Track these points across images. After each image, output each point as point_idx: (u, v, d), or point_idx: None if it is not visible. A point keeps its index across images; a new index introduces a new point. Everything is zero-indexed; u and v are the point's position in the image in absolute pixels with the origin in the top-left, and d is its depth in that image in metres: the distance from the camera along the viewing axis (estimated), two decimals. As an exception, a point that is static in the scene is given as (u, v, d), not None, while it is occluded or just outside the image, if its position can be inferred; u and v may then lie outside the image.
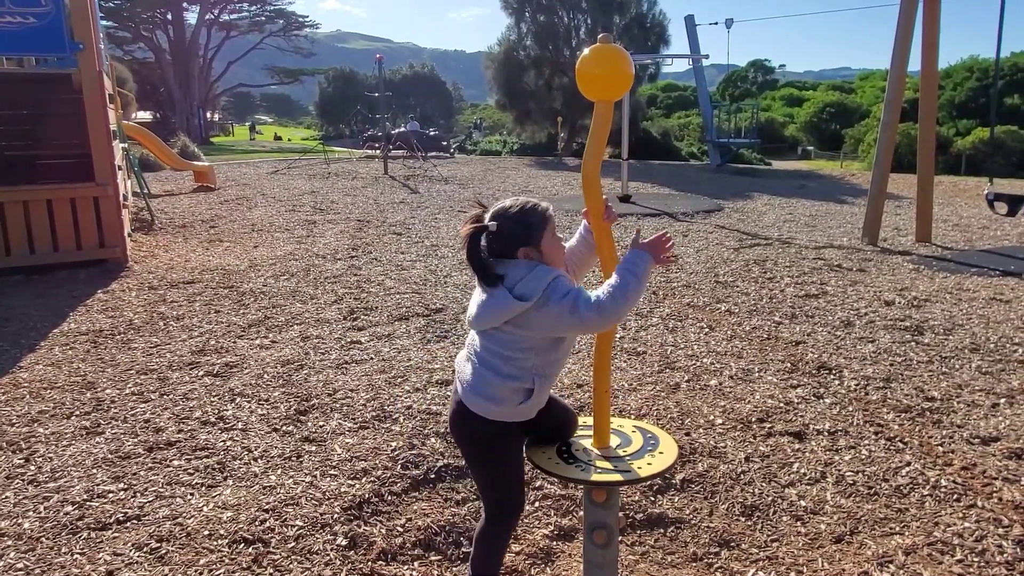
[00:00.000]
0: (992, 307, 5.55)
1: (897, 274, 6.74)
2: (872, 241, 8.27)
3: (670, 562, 2.58)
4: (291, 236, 8.81)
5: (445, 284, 6.35)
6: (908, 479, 2.99)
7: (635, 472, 2.20)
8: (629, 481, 2.23)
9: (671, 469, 2.45)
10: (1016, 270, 6.81)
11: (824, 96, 47.88)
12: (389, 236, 8.83)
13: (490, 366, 1.98)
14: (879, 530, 2.67)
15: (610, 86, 2.13)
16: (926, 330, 4.96)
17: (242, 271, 6.86)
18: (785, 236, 8.88)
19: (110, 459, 3.11)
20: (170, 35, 45.07)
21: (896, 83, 8.14)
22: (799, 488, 2.96)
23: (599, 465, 2.23)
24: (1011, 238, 8.84)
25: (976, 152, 26.40)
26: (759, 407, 3.70)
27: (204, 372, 4.19)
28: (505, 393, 1.96)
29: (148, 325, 5.16)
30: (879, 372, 4.18)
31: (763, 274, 6.70)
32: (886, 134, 8.26)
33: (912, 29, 7.92)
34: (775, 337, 4.86)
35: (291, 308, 5.56)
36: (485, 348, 2.01)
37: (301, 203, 11.76)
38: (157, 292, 6.08)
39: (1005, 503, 2.81)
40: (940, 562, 2.47)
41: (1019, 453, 3.20)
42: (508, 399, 1.97)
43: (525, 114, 26.40)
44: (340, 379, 4.06)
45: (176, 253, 7.85)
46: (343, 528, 2.64)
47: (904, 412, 3.64)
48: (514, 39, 25.24)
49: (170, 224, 9.60)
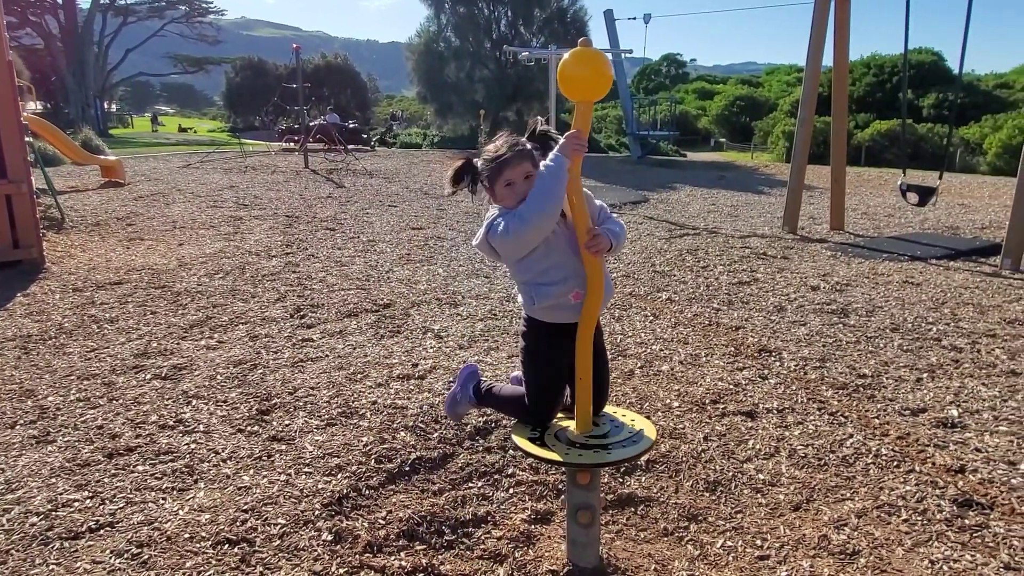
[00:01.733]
0: (905, 290, 6.00)
1: (818, 261, 7.18)
2: (792, 230, 8.76)
3: (643, 538, 2.71)
4: (218, 233, 8.53)
5: (388, 279, 6.33)
6: (852, 449, 3.24)
7: (618, 453, 2.32)
8: (614, 462, 2.35)
9: (652, 449, 2.59)
10: (922, 255, 7.38)
11: (734, 90, 49.81)
12: (322, 232, 8.68)
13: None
14: (832, 497, 2.89)
15: (591, 87, 2.23)
16: (850, 312, 5.33)
17: (172, 270, 6.61)
18: (711, 226, 9.28)
19: (68, 467, 2.99)
20: (61, 20, 42.23)
21: (811, 80, 8.62)
22: (756, 463, 3.16)
23: (583, 448, 2.34)
24: (914, 225, 9.54)
25: (875, 144, 28.10)
26: (711, 389, 3.90)
27: (151, 375, 4.05)
28: (523, 297, 2.35)
29: (80, 328, 4.92)
30: (814, 353, 4.47)
31: (697, 263, 7.00)
32: (803, 129, 8.74)
33: (825, 30, 8.40)
34: (716, 323, 5.11)
35: (233, 307, 5.42)
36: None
37: (222, 198, 11.38)
38: (83, 294, 5.79)
39: (939, 467, 3.09)
40: (888, 523, 2.71)
41: (944, 422, 3.51)
42: (526, 301, 2.34)
43: (447, 106, 26.32)
44: (298, 377, 4.01)
45: (95, 253, 7.47)
46: (326, 524, 2.64)
47: (841, 389, 3.93)
48: (434, 30, 25.10)
49: (82, 222, 9.11)
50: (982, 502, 2.81)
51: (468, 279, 6.39)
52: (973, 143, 28.28)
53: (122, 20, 45.80)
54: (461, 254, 7.47)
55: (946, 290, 6.02)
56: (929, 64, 37.01)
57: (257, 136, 33.19)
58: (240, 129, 44.65)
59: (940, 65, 37.44)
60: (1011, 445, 3.27)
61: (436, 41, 25.06)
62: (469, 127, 27.46)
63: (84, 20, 42.74)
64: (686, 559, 2.52)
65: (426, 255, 7.41)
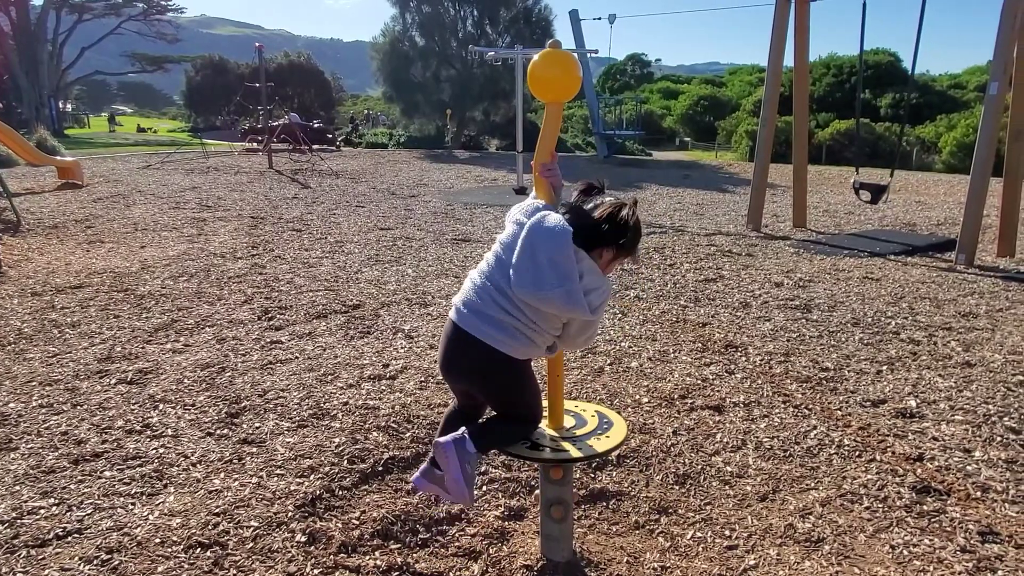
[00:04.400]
0: (865, 285, 6.17)
1: (781, 257, 7.33)
2: (756, 228, 8.93)
3: (615, 531, 2.75)
4: (181, 235, 8.39)
5: (357, 280, 6.30)
6: (816, 441, 3.33)
7: (591, 449, 2.35)
8: (586, 457, 2.38)
9: (623, 445, 2.63)
10: (881, 251, 7.58)
11: (698, 89, 50.39)
12: (288, 233, 8.59)
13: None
14: (797, 487, 2.97)
15: (561, 88, 2.27)
16: (813, 308, 5.46)
17: (134, 273, 6.49)
18: (678, 224, 9.41)
19: (32, 475, 2.92)
20: (12, 17, 41.00)
21: (773, 81, 8.80)
22: (724, 456, 3.23)
23: (556, 445, 2.37)
24: (873, 222, 9.79)
25: (835, 143, 28.71)
26: (679, 385, 3.97)
27: (116, 380, 3.98)
28: (530, 345, 2.18)
29: (41, 334, 4.81)
30: (779, 347, 4.58)
31: (664, 261, 7.09)
32: (765, 129, 8.91)
33: (786, 31, 8.58)
34: (683, 320, 5.19)
35: (199, 310, 5.34)
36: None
37: (185, 200, 11.20)
38: (43, 298, 5.66)
39: (898, 456, 3.19)
40: (851, 510, 2.79)
41: (903, 412, 3.63)
42: (530, 350, 2.19)
43: (413, 106, 26.20)
44: (268, 379, 3.98)
45: (53, 256, 7.30)
46: (299, 525, 2.63)
47: (805, 382, 4.03)
48: (399, 30, 24.96)
49: (39, 225, 8.89)
50: (939, 489, 2.92)
51: (438, 279, 6.39)
52: (928, 142, 29.07)
53: (77, 17, 44.59)
54: (430, 254, 7.46)
55: (904, 285, 6.20)
56: (886, 65, 37.88)
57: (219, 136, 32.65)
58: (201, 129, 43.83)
59: (897, 66, 38.33)
60: (966, 434, 3.40)
61: (402, 40, 24.93)
62: (436, 127, 27.38)
63: (37, 17, 41.54)
64: (657, 551, 2.57)
65: (395, 255, 7.39)
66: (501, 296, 2.09)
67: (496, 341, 2.09)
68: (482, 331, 2.09)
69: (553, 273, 1.98)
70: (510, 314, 2.08)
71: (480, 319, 2.10)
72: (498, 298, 2.09)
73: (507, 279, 2.06)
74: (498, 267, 2.13)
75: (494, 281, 2.12)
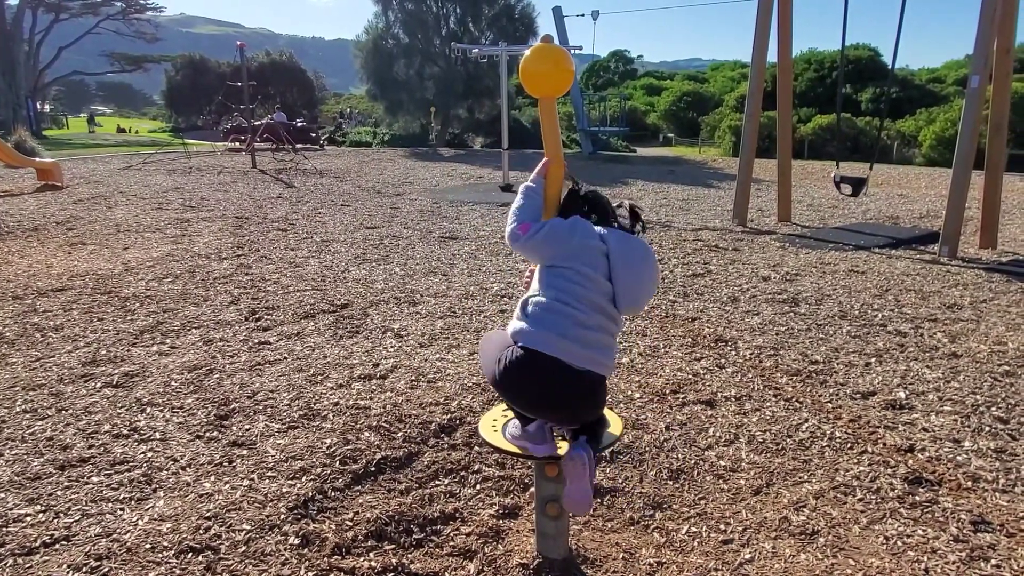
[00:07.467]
0: (851, 278, 6.21)
1: (767, 252, 7.37)
2: (742, 223, 8.97)
3: (611, 528, 2.74)
4: (164, 236, 8.29)
5: (345, 279, 6.25)
6: (808, 434, 3.35)
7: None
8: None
9: (617, 441, 2.62)
10: (865, 244, 7.64)
11: (681, 86, 50.53)
12: (274, 233, 8.52)
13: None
14: (790, 480, 2.98)
15: (554, 83, 2.25)
16: (801, 301, 5.49)
17: (117, 275, 6.40)
18: (664, 219, 9.43)
19: (18, 481, 2.87)
20: (-12, 17, 40.39)
21: (756, 76, 8.83)
22: (717, 450, 3.23)
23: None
24: (857, 216, 9.87)
25: (816, 138, 28.90)
26: (671, 380, 3.97)
27: (102, 384, 3.92)
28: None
29: (23, 338, 4.73)
30: (768, 341, 4.59)
31: (651, 256, 7.10)
32: (750, 124, 8.95)
33: (769, 27, 8.61)
34: (672, 315, 5.20)
35: (184, 312, 5.28)
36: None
37: (168, 200, 11.07)
38: (24, 302, 5.57)
39: (889, 447, 3.21)
40: (844, 502, 2.80)
41: (893, 404, 3.65)
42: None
43: (397, 104, 26.08)
44: (257, 381, 3.94)
45: (34, 259, 7.19)
46: (292, 527, 2.61)
47: (795, 375, 4.04)
48: (382, 27, 24.83)
49: (19, 228, 8.75)
50: (931, 479, 2.94)
51: (426, 277, 6.36)
52: (909, 136, 29.32)
53: (54, 17, 43.98)
54: (417, 252, 7.43)
55: (889, 277, 6.25)
56: (866, 60, 38.16)
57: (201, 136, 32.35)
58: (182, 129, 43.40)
59: (877, 61, 38.64)
60: (955, 424, 3.42)
61: (385, 38, 24.79)
62: (420, 124, 27.27)
63: (13, 17, 40.92)
64: (653, 546, 2.57)
65: (382, 254, 7.35)
66: (604, 318, 2.18)
67: (603, 367, 2.17)
68: (592, 360, 2.13)
69: (654, 287, 2.32)
70: (610, 334, 2.21)
71: (582, 346, 2.11)
72: (602, 321, 2.17)
73: (605, 298, 2.17)
74: (594, 289, 2.16)
75: (594, 304, 2.16)
